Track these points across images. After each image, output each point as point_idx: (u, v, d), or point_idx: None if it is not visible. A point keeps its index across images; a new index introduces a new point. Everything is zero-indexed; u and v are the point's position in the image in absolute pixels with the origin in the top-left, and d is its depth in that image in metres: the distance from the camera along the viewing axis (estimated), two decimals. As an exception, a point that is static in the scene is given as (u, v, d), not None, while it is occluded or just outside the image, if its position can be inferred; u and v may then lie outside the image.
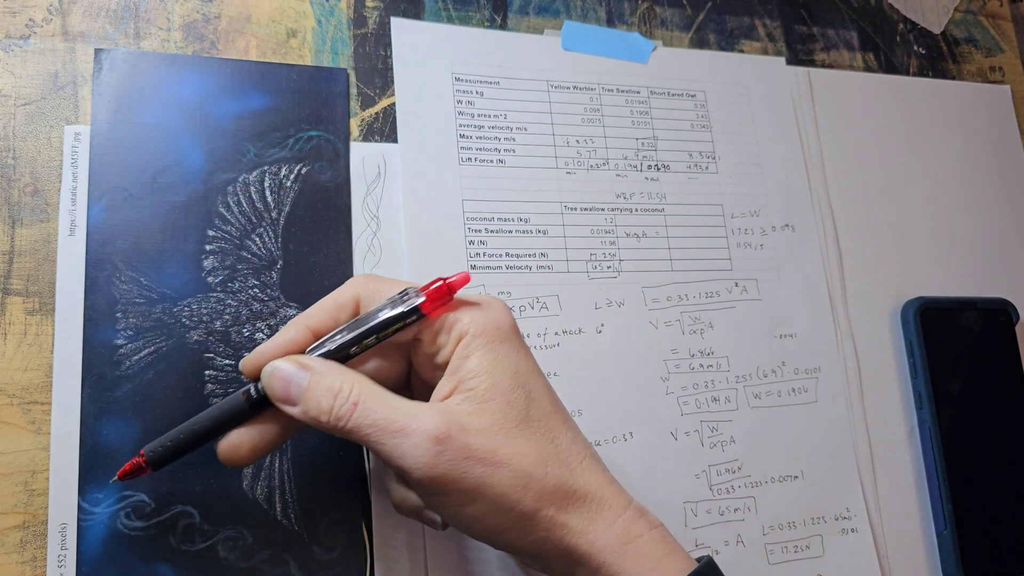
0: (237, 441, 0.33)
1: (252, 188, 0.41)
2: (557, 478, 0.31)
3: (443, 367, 0.33)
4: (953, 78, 0.58)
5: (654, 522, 0.33)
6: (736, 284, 0.48)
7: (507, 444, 0.31)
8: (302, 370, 0.32)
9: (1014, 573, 0.47)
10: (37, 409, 0.36)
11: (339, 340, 0.33)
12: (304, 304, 0.40)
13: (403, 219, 0.43)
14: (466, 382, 0.32)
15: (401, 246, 0.43)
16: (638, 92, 0.49)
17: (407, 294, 0.33)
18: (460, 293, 0.34)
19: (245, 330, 0.39)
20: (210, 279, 0.39)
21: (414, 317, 0.33)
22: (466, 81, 0.46)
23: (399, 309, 0.33)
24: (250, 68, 0.43)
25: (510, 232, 0.44)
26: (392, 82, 0.45)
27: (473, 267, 0.43)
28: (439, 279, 0.33)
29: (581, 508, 0.32)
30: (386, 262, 0.42)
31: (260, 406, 0.33)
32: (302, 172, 0.42)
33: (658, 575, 0.31)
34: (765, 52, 0.54)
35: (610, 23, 0.51)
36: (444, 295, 0.33)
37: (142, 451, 0.33)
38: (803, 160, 0.52)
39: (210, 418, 0.33)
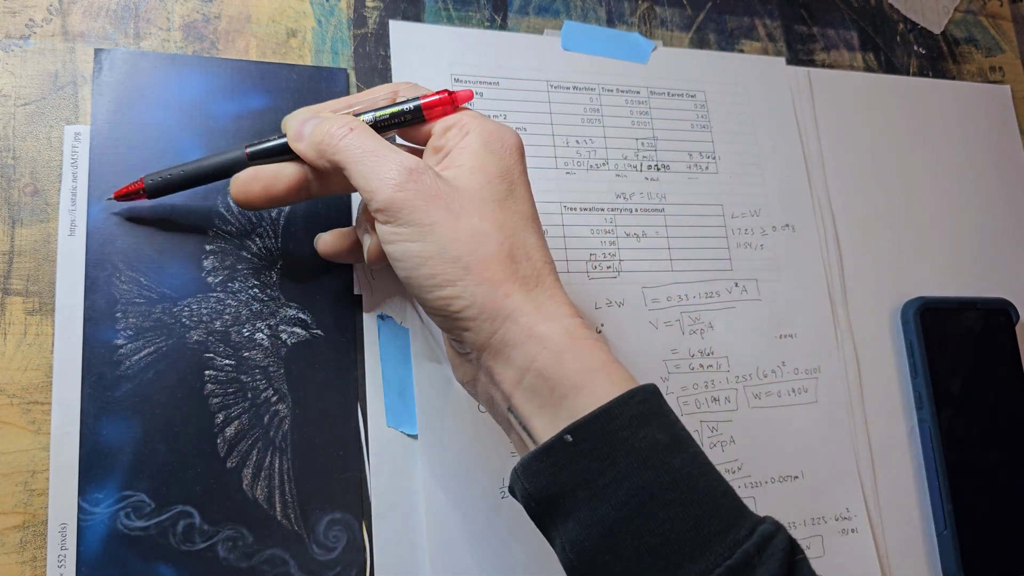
0: (249, 177, 0.36)
1: (252, 188, 0.41)
2: (513, 253, 0.31)
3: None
4: (953, 78, 0.58)
5: (599, 336, 0.32)
6: (736, 284, 0.48)
7: (473, 205, 0.32)
8: (317, 116, 0.35)
9: (1014, 573, 0.47)
10: (37, 409, 0.36)
11: (351, 111, 0.36)
12: (304, 304, 0.40)
13: (403, 219, 0.43)
14: (454, 155, 0.33)
15: (401, 246, 0.43)
16: (638, 92, 0.49)
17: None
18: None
19: (245, 330, 0.39)
20: (210, 279, 0.39)
21: (411, 109, 0.35)
22: (465, 82, 0.46)
23: (404, 106, 0.35)
24: (250, 68, 0.43)
25: (510, 232, 0.44)
26: (392, 82, 0.45)
27: (473, 267, 0.43)
28: (445, 90, 0.35)
29: (528, 287, 0.31)
30: (386, 262, 0.42)
31: (258, 158, 0.36)
32: (302, 172, 0.42)
33: (602, 376, 0.30)
34: (765, 52, 0.54)
35: (610, 23, 0.51)
36: (446, 101, 0.35)
37: (141, 177, 0.36)
38: (803, 160, 0.52)
39: (211, 161, 0.37)
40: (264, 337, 0.40)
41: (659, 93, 0.50)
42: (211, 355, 0.39)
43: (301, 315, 0.40)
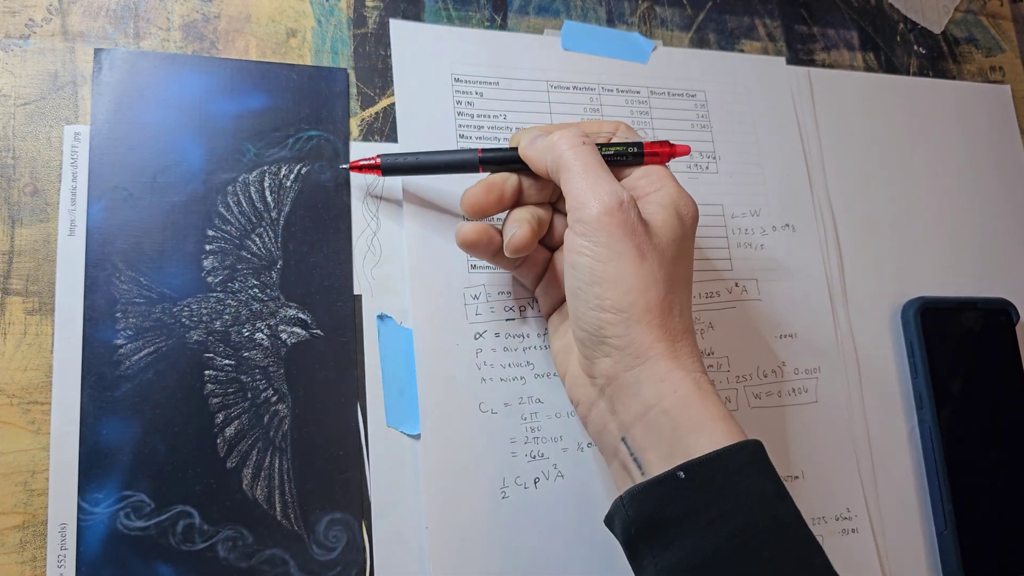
0: (483, 189, 0.39)
1: (252, 188, 0.41)
2: (671, 306, 0.35)
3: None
4: (953, 78, 0.58)
5: (718, 394, 0.35)
6: (736, 284, 0.48)
7: (656, 253, 0.35)
8: (548, 134, 0.38)
9: (1015, 573, 0.47)
10: (37, 409, 0.36)
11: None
12: (304, 304, 0.40)
13: (403, 219, 0.43)
14: (645, 203, 0.37)
15: (401, 246, 0.43)
16: (638, 92, 0.49)
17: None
18: None
19: (245, 330, 0.39)
20: (210, 279, 0.39)
21: (634, 151, 0.39)
22: (465, 82, 0.46)
23: (630, 147, 0.39)
24: (250, 68, 0.43)
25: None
26: (392, 82, 0.45)
27: (473, 267, 0.43)
28: (667, 142, 0.39)
29: (674, 339, 0.34)
30: (386, 262, 0.42)
31: (489, 163, 0.39)
32: (302, 172, 0.42)
33: (721, 425, 0.32)
34: (765, 52, 0.54)
35: (610, 23, 0.51)
36: (665, 153, 0.39)
37: (378, 155, 0.40)
38: (803, 160, 0.52)
39: (444, 156, 0.40)
40: (264, 337, 0.40)
41: (659, 93, 0.50)
42: (211, 355, 0.39)
43: (301, 315, 0.40)
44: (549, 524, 0.41)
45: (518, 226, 0.38)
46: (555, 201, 0.41)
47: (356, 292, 0.41)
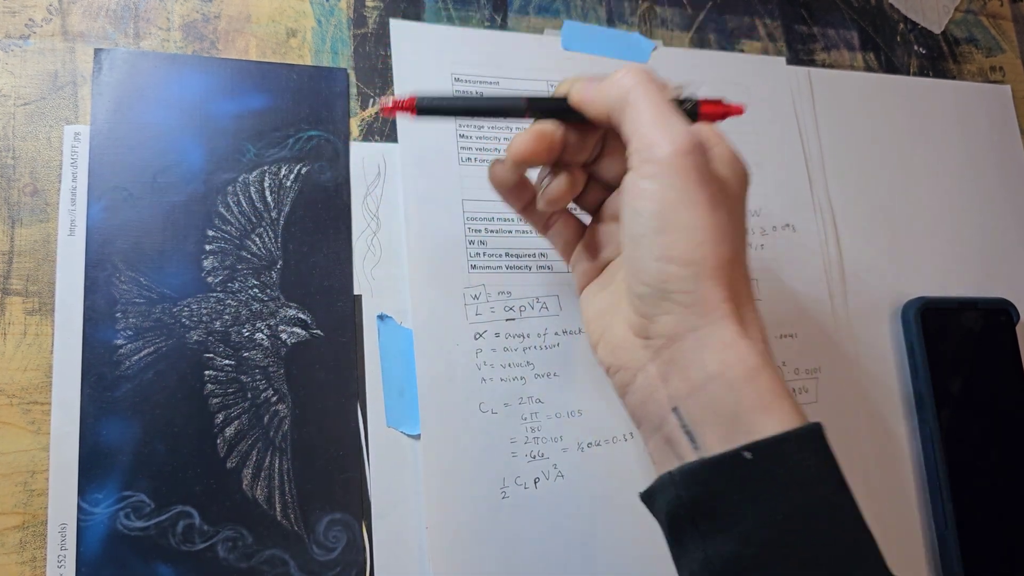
0: (533, 136, 0.35)
1: (252, 188, 0.41)
2: (741, 266, 0.32)
3: None
4: (953, 78, 0.58)
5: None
6: (736, 284, 0.48)
7: (727, 206, 0.31)
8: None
9: (1015, 573, 0.47)
10: (37, 409, 0.36)
11: None
12: (304, 304, 0.40)
13: (403, 219, 0.43)
14: (710, 152, 0.33)
15: (401, 246, 0.43)
16: (638, 92, 0.49)
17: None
18: None
19: (245, 330, 0.39)
20: (210, 279, 0.39)
21: (691, 106, 0.36)
22: (465, 82, 0.46)
23: (686, 103, 0.36)
24: (250, 68, 0.43)
25: (510, 232, 0.44)
26: (392, 82, 0.45)
27: (473, 267, 0.43)
28: (721, 100, 0.36)
29: (740, 302, 0.31)
30: (386, 262, 0.42)
31: (537, 110, 0.36)
32: (302, 172, 0.42)
33: (787, 404, 0.30)
34: (765, 52, 0.54)
35: (610, 23, 0.51)
36: (720, 107, 0.36)
37: (413, 95, 0.35)
38: (803, 160, 0.52)
39: (486, 99, 0.37)
40: (264, 337, 0.40)
41: (659, 93, 0.50)
42: (211, 355, 0.39)
43: (301, 315, 0.40)
44: (549, 524, 0.41)
45: (553, 177, 0.35)
46: (591, 163, 0.38)
47: (356, 292, 0.41)
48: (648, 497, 0.32)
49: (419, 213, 0.43)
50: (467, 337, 0.42)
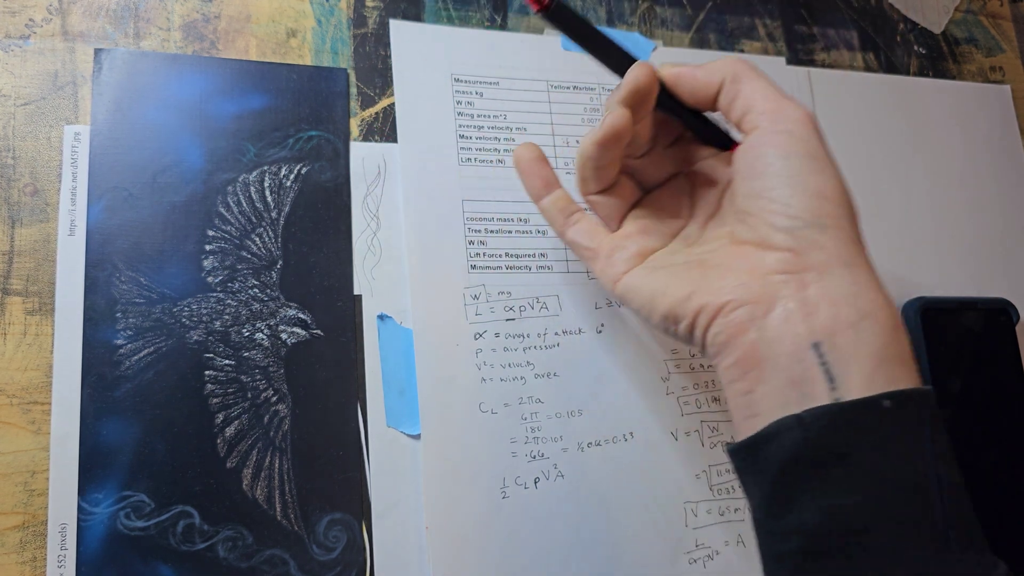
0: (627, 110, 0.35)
1: (252, 188, 0.41)
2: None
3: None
4: (953, 78, 0.58)
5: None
6: (736, 284, 0.48)
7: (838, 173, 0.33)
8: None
9: (1016, 573, 0.47)
10: (37, 409, 0.36)
11: None
12: (304, 304, 0.40)
13: (403, 219, 0.43)
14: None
15: (401, 246, 0.43)
16: (638, 92, 0.49)
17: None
18: None
19: (245, 330, 0.39)
20: (210, 279, 0.39)
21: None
22: (465, 82, 0.46)
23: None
24: (250, 68, 0.43)
25: (510, 232, 0.44)
26: (392, 82, 0.45)
27: (473, 267, 0.43)
28: None
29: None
30: (386, 262, 0.42)
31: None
32: (302, 172, 0.42)
33: (913, 362, 0.30)
34: (765, 52, 0.54)
35: (610, 23, 0.51)
36: None
37: None
38: (803, 160, 0.52)
39: (616, 46, 0.36)
40: (264, 337, 0.40)
41: (659, 93, 0.50)
42: (211, 355, 0.39)
43: (301, 315, 0.40)
44: (549, 524, 0.41)
45: (612, 111, 0.35)
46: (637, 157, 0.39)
47: (356, 292, 0.41)
48: (751, 447, 0.30)
49: (419, 213, 0.43)
50: (467, 337, 0.42)
